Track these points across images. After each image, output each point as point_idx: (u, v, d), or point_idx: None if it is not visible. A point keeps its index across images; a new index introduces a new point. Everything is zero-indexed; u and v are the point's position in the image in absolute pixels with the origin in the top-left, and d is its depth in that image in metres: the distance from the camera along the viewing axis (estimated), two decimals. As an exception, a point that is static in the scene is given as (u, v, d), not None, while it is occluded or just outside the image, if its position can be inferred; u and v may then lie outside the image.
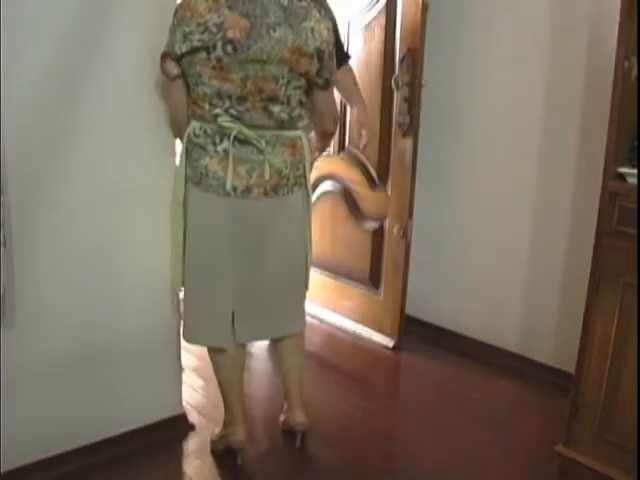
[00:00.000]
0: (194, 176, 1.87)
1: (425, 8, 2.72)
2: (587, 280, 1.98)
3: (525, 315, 2.84)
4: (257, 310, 2.01)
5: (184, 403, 2.31)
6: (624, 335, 1.90)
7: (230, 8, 1.73)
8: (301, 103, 1.90)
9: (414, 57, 2.77)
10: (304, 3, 1.82)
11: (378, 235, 3.13)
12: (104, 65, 1.85)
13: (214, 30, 1.72)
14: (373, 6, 2.94)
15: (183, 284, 2.00)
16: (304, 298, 2.17)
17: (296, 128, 1.91)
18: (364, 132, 2.87)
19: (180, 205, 1.92)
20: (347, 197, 3.23)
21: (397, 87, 2.86)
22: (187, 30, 1.73)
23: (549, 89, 2.64)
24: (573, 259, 2.62)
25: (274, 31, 1.75)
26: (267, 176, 1.86)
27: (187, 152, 1.88)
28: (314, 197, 3.10)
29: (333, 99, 2.06)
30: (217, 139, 1.83)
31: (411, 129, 2.86)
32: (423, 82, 2.82)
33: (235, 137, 1.82)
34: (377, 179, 3.09)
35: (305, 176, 1.98)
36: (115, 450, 2.05)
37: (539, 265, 2.77)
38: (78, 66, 1.81)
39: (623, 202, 1.88)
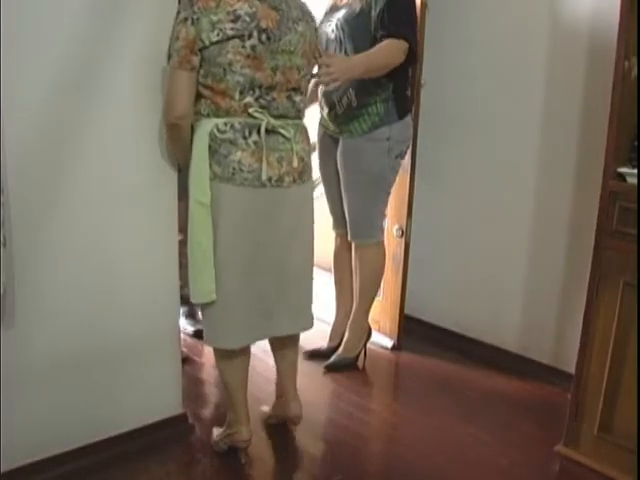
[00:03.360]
0: (225, 173, 1.83)
1: (425, 8, 2.72)
2: (587, 280, 1.98)
3: (525, 315, 2.84)
4: (292, 301, 2.03)
5: (184, 403, 2.31)
6: (624, 335, 1.90)
7: (260, 0, 1.80)
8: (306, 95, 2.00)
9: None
10: (310, 9, 1.97)
11: (378, 235, 3.12)
12: (105, 65, 1.85)
13: (247, 19, 1.76)
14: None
15: (216, 291, 1.87)
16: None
17: (302, 118, 1.99)
18: None
19: (205, 207, 1.83)
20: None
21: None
22: (215, 19, 1.74)
23: (549, 88, 2.64)
24: (573, 259, 2.62)
25: (297, 25, 1.87)
26: (295, 163, 1.91)
27: (211, 150, 1.83)
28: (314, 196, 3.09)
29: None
30: (246, 132, 1.83)
31: (411, 129, 2.86)
32: (422, 82, 2.82)
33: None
34: (377, 179, 3.08)
35: (311, 166, 2.03)
36: (115, 450, 2.04)
37: (539, 265, 2.77)
38: (79, 66, 1.80)
39: (623, 202, 1.88)
